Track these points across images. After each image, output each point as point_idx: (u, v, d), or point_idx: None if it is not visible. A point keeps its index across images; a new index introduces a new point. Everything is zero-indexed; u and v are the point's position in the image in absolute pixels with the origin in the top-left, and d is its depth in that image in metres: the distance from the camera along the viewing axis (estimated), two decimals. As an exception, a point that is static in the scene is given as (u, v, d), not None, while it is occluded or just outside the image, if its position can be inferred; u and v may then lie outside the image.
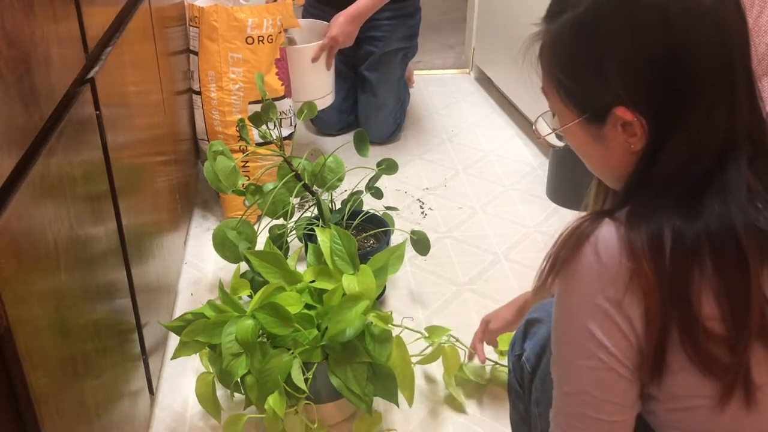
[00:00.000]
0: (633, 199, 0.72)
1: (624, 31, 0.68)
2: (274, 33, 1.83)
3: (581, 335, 0.71)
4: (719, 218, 0.67)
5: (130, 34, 1.25)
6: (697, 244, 0.67)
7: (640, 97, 0.69)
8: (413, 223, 1.95)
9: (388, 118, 2.35)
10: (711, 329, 0.67)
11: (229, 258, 1.55)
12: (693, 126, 0.69)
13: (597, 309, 0.69)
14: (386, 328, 1.18)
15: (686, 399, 0.71)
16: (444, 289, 1.70)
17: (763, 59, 1.47)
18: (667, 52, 0.67)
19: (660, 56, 0.67)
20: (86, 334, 0.92)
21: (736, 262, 0.67)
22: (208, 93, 1.86)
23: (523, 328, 1.01)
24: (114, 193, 1.09)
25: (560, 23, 0.72)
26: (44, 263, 0.78)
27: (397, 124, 2.40)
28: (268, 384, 1.14)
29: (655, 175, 0.71)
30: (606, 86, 0.70)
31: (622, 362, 0.70)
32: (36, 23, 0.78)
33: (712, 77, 0.68)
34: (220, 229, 1.54)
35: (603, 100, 0.71)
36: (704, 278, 0.67)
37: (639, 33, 0.67)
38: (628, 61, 0.68)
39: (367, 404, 1.17)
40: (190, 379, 1.41)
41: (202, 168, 2.06)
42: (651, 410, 0.75)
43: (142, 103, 1.37)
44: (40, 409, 0.73)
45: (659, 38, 0.67)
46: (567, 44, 0.72)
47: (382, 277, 1.26)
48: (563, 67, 0.74)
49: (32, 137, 0.76)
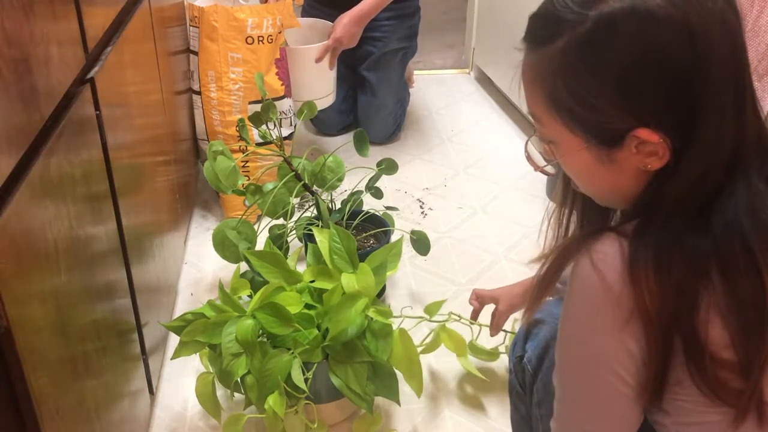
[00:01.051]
0: (641, 217, 0.70)
1: (645, 49, 0.63)
2: (273, 33, 1.83)
3: (585, 353, 0.70)
4: (727, 229, 0.65)
5: (130, 34, 1.25)
6: (705, 262, 0.65)
7: (665, 115, 0.65)
8: (413, 223, 1.95)
9: (388, 118, 2.35)
10: (719, 356, 0.65)
11: (229, 258, 1.55)
12: (708, 139, 0.65)
13: (602, 328, 0.68)
14: (386, 322, 1.18)
15: (696, 414, 0.70)
16: (444, 289, 1.70)
17: (764, 59, 1.47)
18: (692, 66, 0.64)
19: (684, 70, 0.64)
20: (86, 334, 0.92)
21: (746, 269, 0.64)
22: (208, 93, 1.86)
23: (525, 328, 1.00)
24: (114, 193, 1.09)
25: (562, 46, 0.67)
26: (44, 263, 0.78)
27: (397, 124, 2.40)
28: (268, 384, 1.14)
29: (668, 192, 0.68)
30: (625, 108, 0.66)
31: (627, 382, 0.69)
32: (36, 23, 0.78)
33: (725, 86, 0.65)
34: (220, 229, 1.54)
35: (622, 123, 0.66)
36: (712, 299, 0.65)
37: (662, 49, 0.63)
38: (649, 80, 0.64)
39: (368, 403, 1.17)
40: (190, 379, 1.41)
41: (202, 168, 2.06)
42: (660, 422, 0.73)
43: (142, 103, 1.37)
44: (40, 409, 0.73)
45: (684, 52, 0.63)
46: (574, 67, 0.66)
47: (381, 274, 1.26)
48: (571, 92, 0.67)
49: (32, 137, 0.76)
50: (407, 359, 1.20)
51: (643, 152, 0.67)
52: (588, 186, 0.76)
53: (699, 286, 0.65)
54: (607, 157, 0.70)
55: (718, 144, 0.66)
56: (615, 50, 0.64)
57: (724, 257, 0.65)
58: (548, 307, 0.98)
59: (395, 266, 1.32)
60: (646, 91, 0.65)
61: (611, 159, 0.70)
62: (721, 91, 0.65)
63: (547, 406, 0.88)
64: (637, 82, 0.65)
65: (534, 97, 0.72)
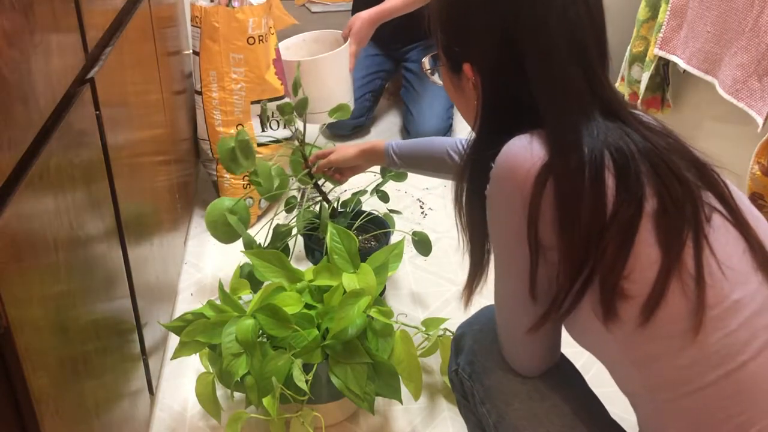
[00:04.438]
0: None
1: (483, 9, 0.79)
2: (267, 32, 1.84)
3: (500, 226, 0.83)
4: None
5: (129, 34, 1.25)
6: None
7: (483, 60, 0.81)
8: (413, 223, 1.95)
9: (441, 104, 2.35)
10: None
11: (220, 238, 1.53)
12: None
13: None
14: (388, 322, 1.18)
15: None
16: (444, 289, 1.70)
17: (763, 59, 1.46)
18: (513, 17, 0.77)
19: (505, 18, 0.78)
20: (86, 334, 0.92)
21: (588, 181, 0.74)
22: (209, 93, 1.86)
23: (454, 347, 1.04)
24: (114, 193, 1.09)
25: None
26: (44, 263, 0.78)
27: (449, 117, 2.38)
28: (268, 385, 1.14)
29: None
30: (456, 39, 0.84)
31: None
32: (36, 23, 0.78)
33: (551, 49, 0.77)
34: (213, 207, 1.52)
35: (456, 54, 0.85)
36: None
37: (494, 12, 0.78)
38: (472, 15, 0.80)
39: (369, 403, 1.17)
40: (190, 379, 1.41)
41: (202, 168, 2.06)
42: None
43: (142, 103, 1.37)
44: (40, 409, 0.73)
45: (508, 20, 0.77)
46: (444, 6, 0.85)
47: (382, 275, 1.26)
48: (440, 23, 0.86)
49: (32, 137, 0.76)
50: (407, 362, 1.20)
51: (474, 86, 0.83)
52: (458, 109, 0.93)
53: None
54: (458, 84, 0.87)
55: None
56: (467, 3, 0.81)
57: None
58: (469, 321, 1.04)
59: (396, 267, 1.32)
60: (469, 25, 0.81)
61: (461, 87, 0.87)
62: (545, 51, 0.77)
63: (490, 401, 0.92)
64: (464, 15, 0.81)
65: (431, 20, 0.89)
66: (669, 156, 0.75)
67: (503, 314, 0.89)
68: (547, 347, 0.89)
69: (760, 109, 1.49)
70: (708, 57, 1.65)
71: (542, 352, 0.89)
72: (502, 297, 0.88)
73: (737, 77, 1.54)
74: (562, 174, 0.73)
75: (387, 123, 2.56)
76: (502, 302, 0.88)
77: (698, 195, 0.74)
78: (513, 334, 0.88)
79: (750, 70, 1.50)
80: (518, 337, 0.87)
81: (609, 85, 0.80)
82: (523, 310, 0.83)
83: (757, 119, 1.50)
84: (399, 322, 1.31)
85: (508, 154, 0.77)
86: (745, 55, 1.50)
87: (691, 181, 0.75)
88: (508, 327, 0.89)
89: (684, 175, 0.74)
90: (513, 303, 0.85)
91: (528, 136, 0.77)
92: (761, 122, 1.49)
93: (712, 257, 0.72)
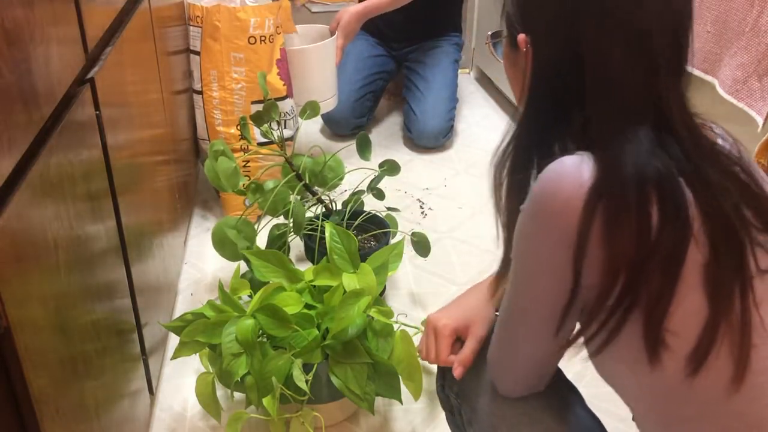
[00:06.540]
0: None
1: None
2: (273, 33, 1.83)
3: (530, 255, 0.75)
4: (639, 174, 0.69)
5: (129, 34, 1.25)
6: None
7: (537, 32, 0.74)
8: (413, 223, 1.95)
9: (444, 105, 2.36)
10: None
11: (228, 256, 1.54)
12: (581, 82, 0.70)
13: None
14: (388, 322, 1.18)
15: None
16: (444, 289, 1.70)
17: (763, 59, 1.46)
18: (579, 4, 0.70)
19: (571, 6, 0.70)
20: (86, 334, 0.92)
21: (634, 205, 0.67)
22: (210, 92, 1.86)
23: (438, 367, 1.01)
24: (114, 192, 1.09)
25: None
26: (44, 263, 0.78)
27: (451, 121, 2.38)
28: (268, 386, 1.14)
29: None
30: (521, 13, 0.77)
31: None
32: (36, 23, 0.78)
33: (614, 40, 0.69)
34: (219, 227, 1.53)
35: (517, 26, 0.77)
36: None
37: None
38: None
39: (369, 403, 1.17)
40: (190, 379, 1.41)
41: (202, 168, 2.06)
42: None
43: (142, 103, 1.37)
44: (40, 409, 0.73)
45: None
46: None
47: (382, 275, 1.26)
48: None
49: (32, 137, 0.76)
50: (407, 362, 1.20)
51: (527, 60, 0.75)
52: (511, 88, 0.86)
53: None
54: (514, 59, 0.80)
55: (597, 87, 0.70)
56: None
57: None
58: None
59: (396, 267, 1.32)
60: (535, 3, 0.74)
61: (516, 62, 0.80)
62: (608, 44, 0.68)
63: (478, 423, 0.89)
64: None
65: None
66: (721, 191, 0.67)
67: (509, 338, 0.82)
68: (539, 376, 0.84)
69: (760, 109, 1.49)
70: (708, 57, 1.65)
71: (533, 381, 0.84)
72: (515, 323, 0.79)
73: (737, 77, 1.54)
74: (612, 201, 0.66)
75: (387, 123, 2.57)
76: (513, 329, 0.80)
77: (752, 238, 0.66)
78: (511, 359, 0.83)
79: (750, 70, 1.50)
80: (516, 363, 0.82)
81: (675, 95, 0.70)
82: (537, 344, 0.77)
83: (757, 119, 1.50)
84: (399, 322, 1.30)
85: (556, 171, 0.69)
86: (745, 55, 1.50)
87: (746, 220, 0.66)
88: (509, 350, 0.82)
89: (733, 215, 0.66)
90: (528, 333, 0.78)
91: (578, 157, 0.69)
92: (761, 122, 1.49)
93: (757, 313, 0.65)
